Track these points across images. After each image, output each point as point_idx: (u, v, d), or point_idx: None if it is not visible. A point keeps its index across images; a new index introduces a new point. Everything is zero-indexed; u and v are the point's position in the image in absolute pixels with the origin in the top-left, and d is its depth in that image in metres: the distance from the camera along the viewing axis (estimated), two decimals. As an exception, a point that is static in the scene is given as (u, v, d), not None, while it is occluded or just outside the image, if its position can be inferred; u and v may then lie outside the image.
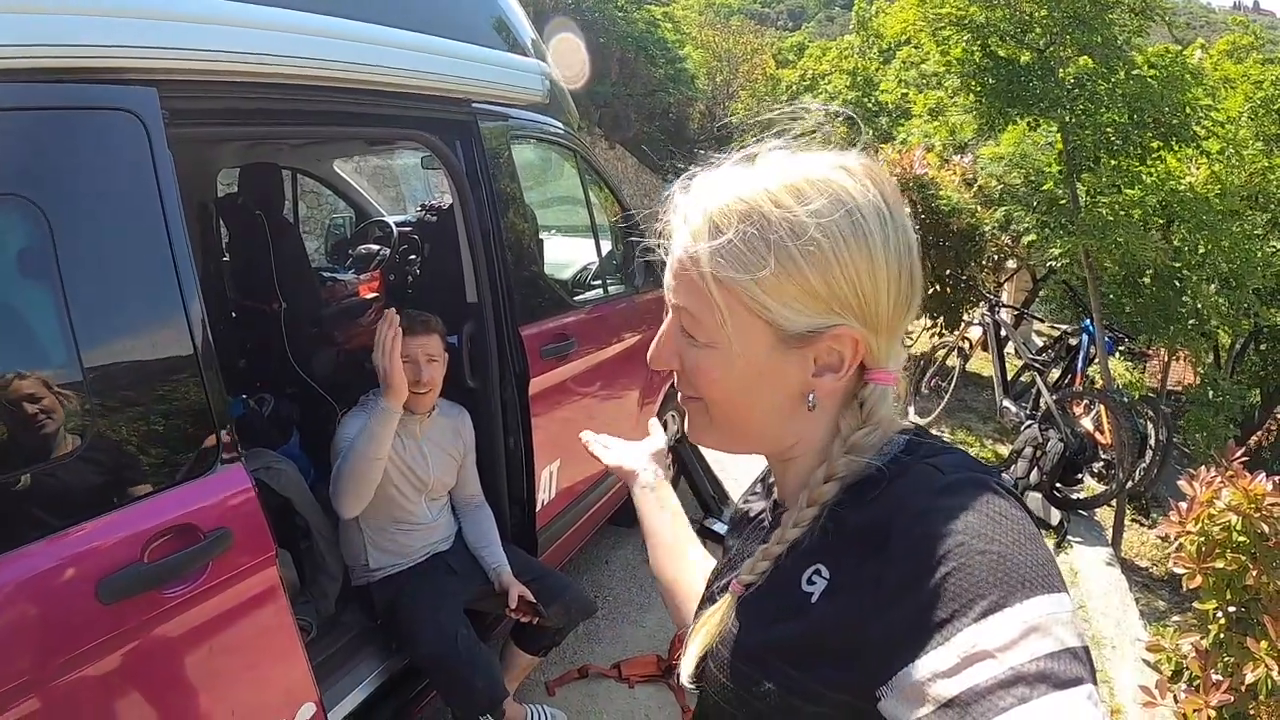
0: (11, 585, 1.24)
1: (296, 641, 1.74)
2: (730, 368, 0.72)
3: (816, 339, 0.70)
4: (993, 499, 0.65)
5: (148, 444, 1.44)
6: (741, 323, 0.71)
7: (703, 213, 0.71)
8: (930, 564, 0.61)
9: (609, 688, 3.02)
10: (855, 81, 14.05)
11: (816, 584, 0.71)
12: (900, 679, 0.59)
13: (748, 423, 0.77)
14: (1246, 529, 2.69)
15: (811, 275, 0.68)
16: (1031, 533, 0.63)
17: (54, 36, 1.30)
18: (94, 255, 1.38)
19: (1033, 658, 0.55)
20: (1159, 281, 4.54)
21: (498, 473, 2.73)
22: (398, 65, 2.03)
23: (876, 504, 0.70)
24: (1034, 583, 0.58)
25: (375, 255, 4.13)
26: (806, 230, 0.67)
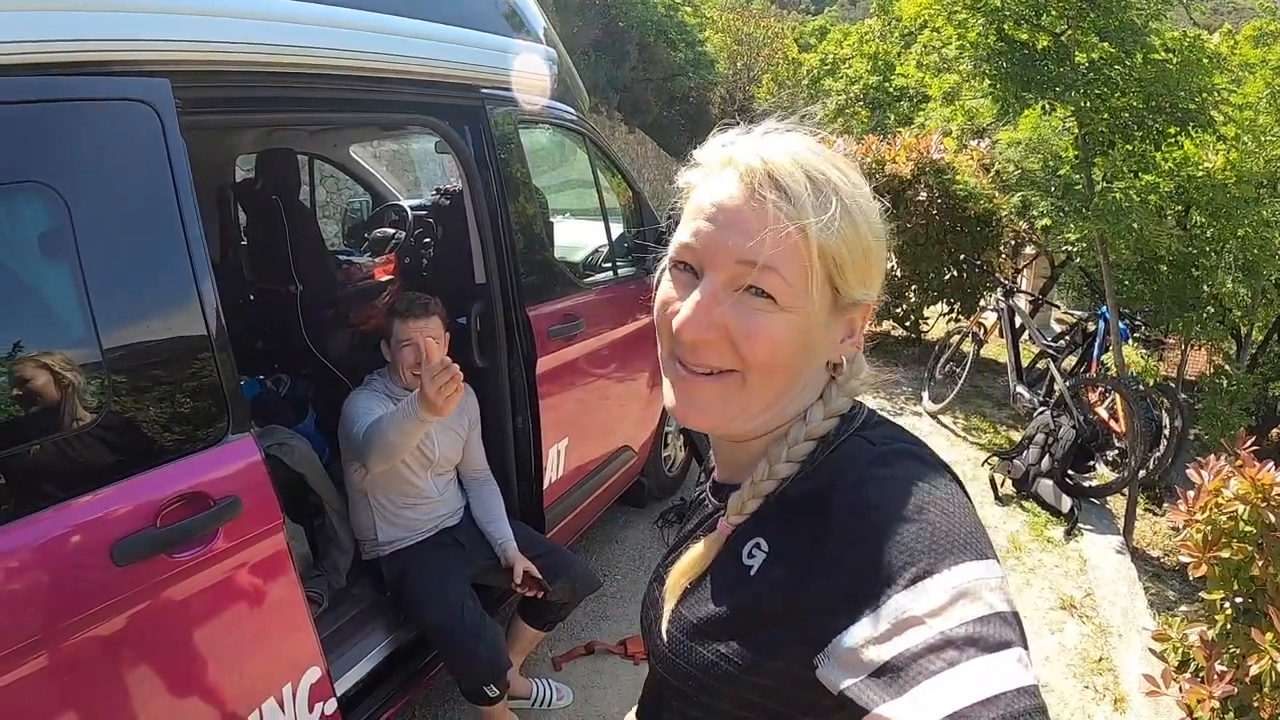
0: (32, 546, 1.31)
1: (303, 607, 1.80)
2: (801, 333, 0.72)
3: (855, 309, 0.75)
4: (923, 469, 0.68)
5: (161, 416, 1.51)
6: (822, 290, 0.71)
7: (793, 172, 0.70)
8: (862, 533, 0.63)
9: (615, 664, 3.07)
10: (876, 66, 13.94)
11: (756, 557, 0.74)
12: (834, 646, 0.61)
13: (783, 389, 0.75)
14: (1254, 519, 2.69)
15: (877, 253, 0.74)
16: (961, 502, 0.66)
17: (70, 31, 1.37)
18: (110, 238, 1.44)
19: (961, 622, 0.56)
20: (1175, 269, 4.50)
21: (506, 450, 2.79)
22: (406, 53, 2.08)
23: (813, 476, 0.73)
24: (962, 549, 0.60)
25: (390, 238, 4.19)
26: (874, 212, 0.74)
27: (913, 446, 0.71)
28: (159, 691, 1.53)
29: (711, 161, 0.75)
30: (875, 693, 0.58)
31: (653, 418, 3.82)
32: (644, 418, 3.72)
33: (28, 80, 1.33)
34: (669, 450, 4.21)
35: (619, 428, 3.51)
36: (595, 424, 3.29)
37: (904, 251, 6.17)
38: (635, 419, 3.64)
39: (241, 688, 1.69)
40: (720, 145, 0.75)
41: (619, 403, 3.47)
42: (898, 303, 6.63)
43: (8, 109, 1.31)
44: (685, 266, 0.75)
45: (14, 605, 1.29)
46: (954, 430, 5.61)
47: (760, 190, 0.70)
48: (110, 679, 1.44)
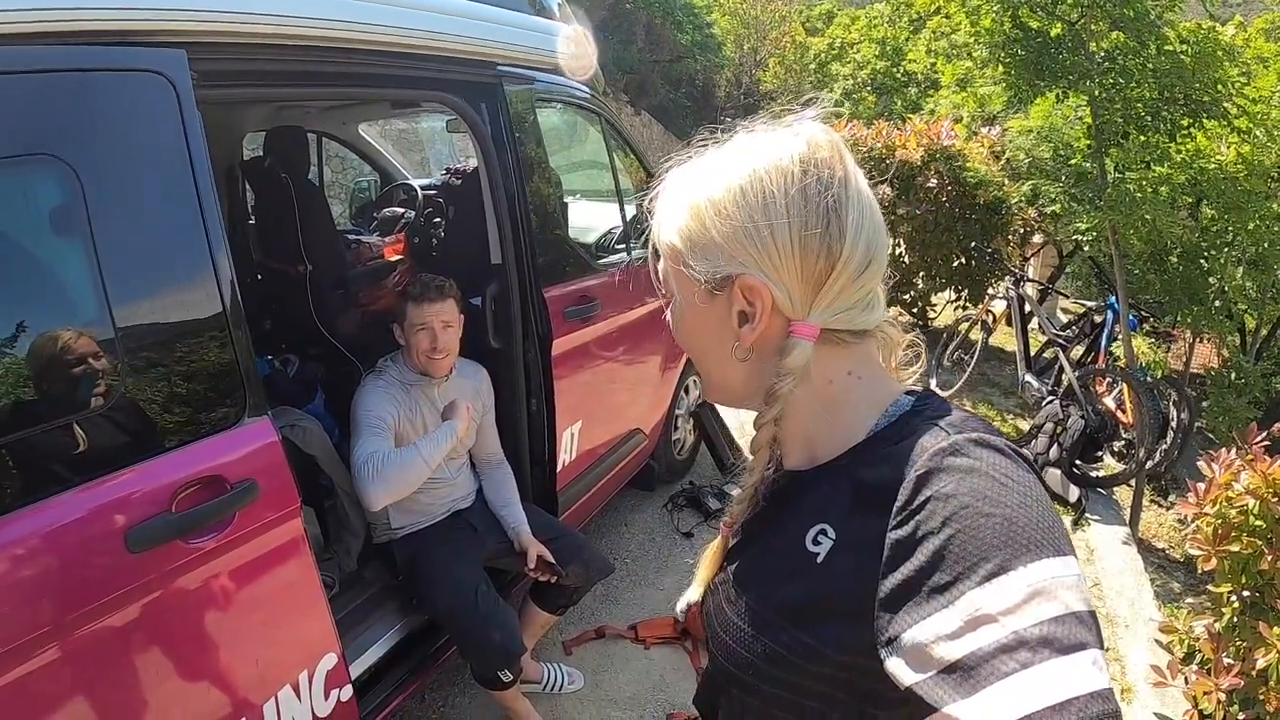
0: (45, 533, 1.29)
1: (319, 593, 1.79)
2: (679, 318, 0.82)
3: (728, 288, 0.75)
4: (999, 460, 0.65)
5: (177, 397, 1.49)
6: (680, 278, 0.79)
7: (660, 194, 0.82)
8: (936, 526, 0.61)
9: (625, 648, 3.07)
10: (884, 51, 13.83)
11: (822, 544, 0.72)
12: (904, 640, 0.60)
13: (709, 373, 0.84)
14: (1263, 513, 2.68)
15: (715, 232, 0.74)
16: (1038, 495, 0.63)
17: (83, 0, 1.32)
18: (125, 214, 1.41)
19: (1036, 622, 0.55)
20: (1185, 260, 4.48)
21: (519, 434, 2.77)
22: (424, 27, 2.04)
23: (884, 464, 0.70)
24: (1039, 546, 0.58)
25: (400, 218, 4.16)
26: (719, 200, 0.74)
27: (988, 435, 0.68)
28: (174, 680, 1.51)
29: None
30: (945, 691, 0.57)
31: (663, 400, 3.81)
32: (655, 400, 3.71)
33: (39, 50, 1.29)
34: (679, 434, 4.20)
35: (631, 411, 3.49)
36: (608, 407, 3.27)
37: (913, 238, 6.13)
38: (647, 402, 3.62)
39: (257, 675, 1.68)
40: None
41: (631, 385, 3.45)
42: (906, 289, 6.60)
43: (18, 79, 1.27)
44: None
45: (27, 593, 1.27)
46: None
47: None
48: (125, 668, 1.43)
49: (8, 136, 1.27)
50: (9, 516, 1.25)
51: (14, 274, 1.32)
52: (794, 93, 17.07)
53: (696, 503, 4.06)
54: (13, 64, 1.25)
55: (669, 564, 3.62)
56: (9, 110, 1.26)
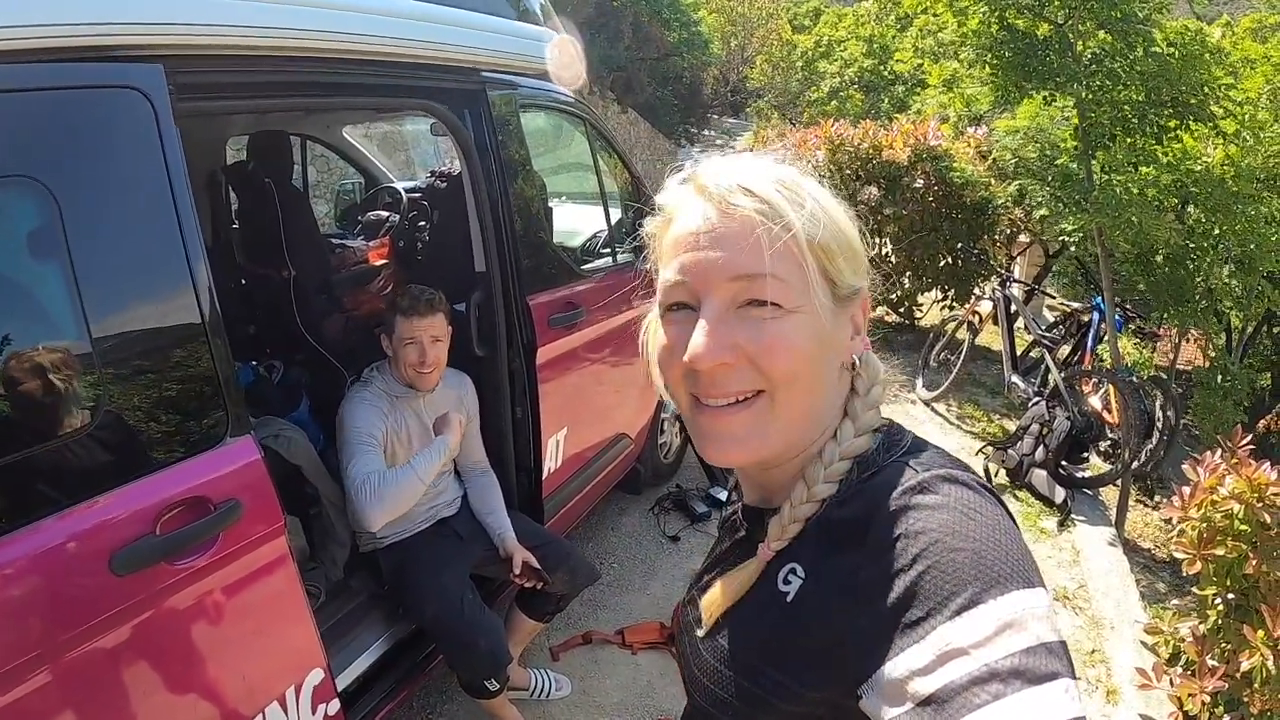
0: (28, 558, 1.26)
1: (305, 610, 1.78)
2: (814, 331, 0.71)
3: (854, 300, 0.75)
4: (967, 495, 0.66)
5: (158, 418, 1.46)
6: (820, 283, 0.71)
7: (763, 182, 0.71)
8: (905, 562, 0.62)
9: (612, 654, 3.07)
10: (871, 49, 13.83)
11: (792, 583, 0.73)
12: (878, 677, 0.60)
13: (810, 398, 0.74)
14: (1248, 517, 2.70)
15: (856, 239, 0.75)
16: (1007, 527, 0.64)
17: (58, 16, 1.30)
18: (102, 235, 1.38)
19: (1007, 654, 0.55)
20: (1172, 261, 4.50)
21: (505, 441, 2.76)
22: (406, 36, 2.02)
23: (852, 502, 0.71)
24: (1008, 578, 0.59)
25: (384, 222, 4.13)
26: (838, 204, 0.75)
27: (956, 471, 0.69)
28: (160, 702, 1.49)
29: (673, 199, 0.76)
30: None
31: (649, 404, 3.80)
32: (641, 405, 3.70)
33: (10, 68, 1.25)
34: (665, 437, 4.20)
35: (616, 415, 3.48)
36: (594, 412, 3.26)
37: (899, 238, 6.15)
38: (633, 406, 3.61)
39: (244, 694, 1.66)
40: (679, 181, 0.76)
41: (617, 390, 3.44)
42: (892, 289, 6.62)
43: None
44: (679, 306, 0.74)
45: (10, 620, 1.24)
46: (948, 418, 5.62)
47: (733, 202, 0.70)
48: (111, 693, 1.41)
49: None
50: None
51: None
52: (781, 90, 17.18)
53: (683, 506, 4.05)
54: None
55: (656, 568, 3.62)
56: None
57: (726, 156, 0.76)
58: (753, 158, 0.75)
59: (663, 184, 0.78)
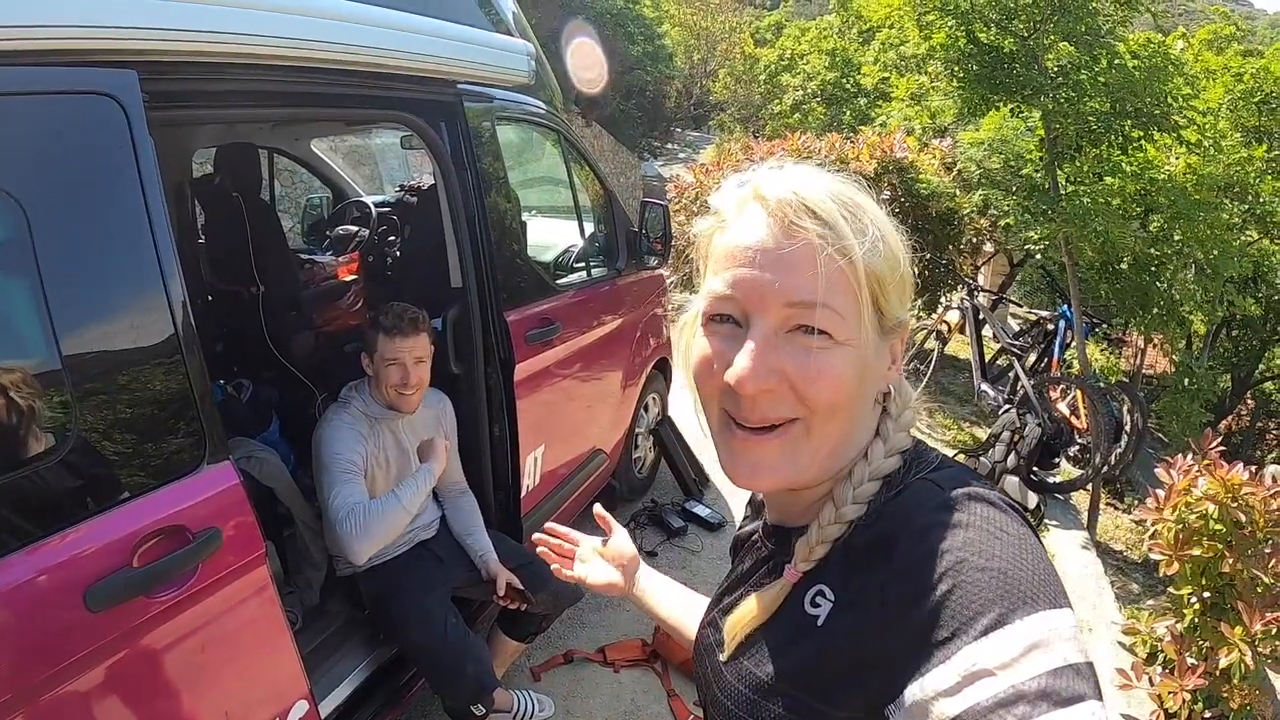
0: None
1: (289, 640, 1.71)
2: (859, 364, 0.69)
3: (897, 331, 0.74)
4: (993, 514, 0.65)
5: (133, 444, 1.39)
6: (868, 316, 0.69)
7: (823, 203, 0.68)
8: (932, 582, 0.61)
9: (595, 672, 3.02)
10: (834, 62, 14.00)
11: (821, 605, 0.71)
12: (905, 698, 0.59)
13: (845, 427, 0.72)
14: (1223, 517, 2.75)
15: (905, 269, 0.73)
16: (1032, 546, 0.63)
17: (30, 17, 1.23)
18: (73, 248, 1.32)
19: (1034, 675, 0.54)
20: (1136, 268, 4.60)
21: (482, 459, 2.70)
22: (383, 45, 1.97)
23: (878, 522, 0.70)
24: (1035, 598, 0.58)
25: (354, 236, 4.06)
26: (895, 230, 0.73)
27: (981, 489, 0.68)
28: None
29: (730, 203, 0.73)
30: None
31: (624, 420, 3.77)
32: (615, 420, 3.67)
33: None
34: (639, 452, 4.16)
35: (592, 431, 3.45)
36: (570, 428, 3.22)
37: (867, 249, 6.21)
38: (608, 421, 3.58)
39: (228, 730, 1.59)
40: (739, 184, 0.73)
41: (593, 405, 3.41)
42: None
43: None
44: (724, 318, 0.71)
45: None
46: (918, 427, 5.65)
47: (797, 222, 0.67)
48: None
49: None
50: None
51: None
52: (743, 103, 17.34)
53: (659, 521, 4.02)
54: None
55: (636, 584, 3.58)
56: None
57: (785, 166, 0.73)
58: (813, 170, 0.72)
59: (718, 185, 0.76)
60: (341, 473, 2.22)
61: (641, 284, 3.79)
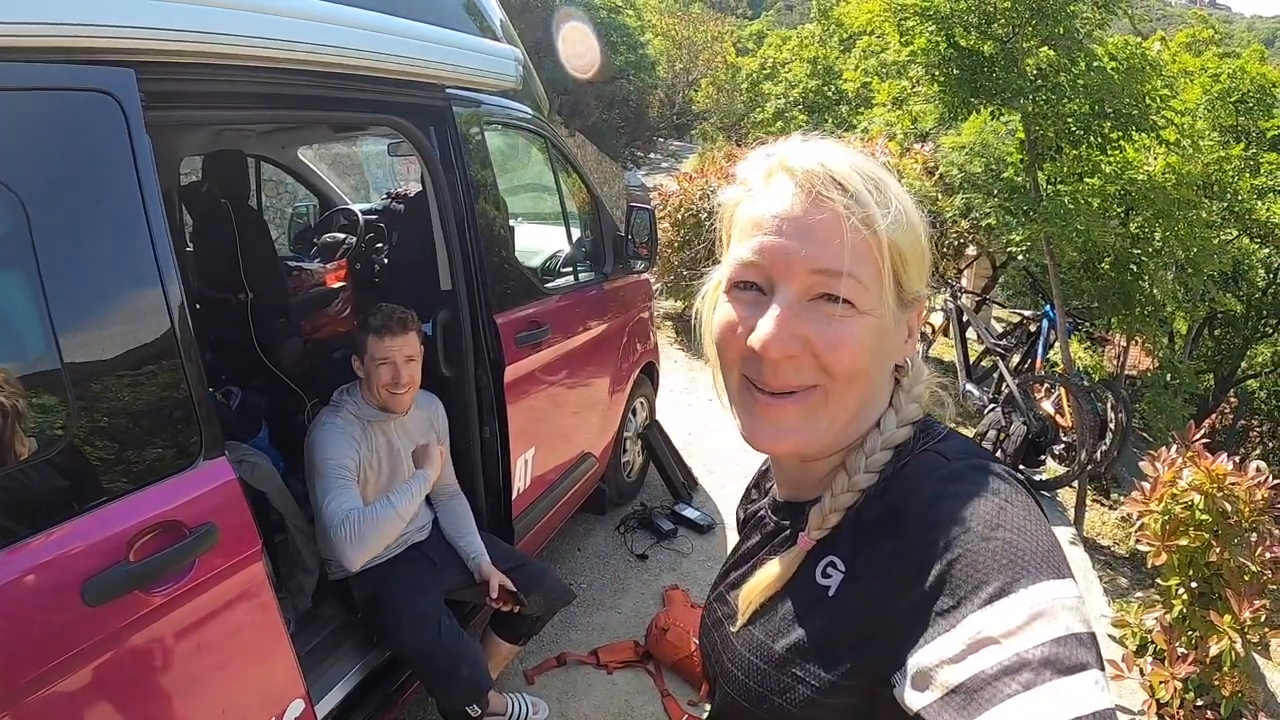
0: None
1: (285, 638, 1.71)
2: (879, 334, 0.71)
3: (915, 306, 0.75)
4: (999, 485, 0.66)
5: (130, 438, 1.39)
6: (889, 287, 0.71)
7: (849, 176, 0.69)
8: (937, 551, 0.62)
9: (588, 675, 3.02)
10: (815, 70, 14.10)
11: (832, 576, 0.72)
12: (910, 665, 0.60)
13: (863, 396, 0.74)
14: (1209, 507, 2.78)
15: (926, 246, 0.74)
16: (1037, 517, 0.64)
17: (29, 14, 1.24)
18: (71, 243, 1.32)
19: (1038, 643, 0.55)
20: (1117, 267, 4.66)
21: (473, 462, 2.71)
22: (375, 49, 1.99)
23: (886, 492, 0.71)
24: (1039, 568, 0.59)
25: (341, 244, 4.06)
26: (916, 209, 0.74)
27: (987, 461, 0.70)
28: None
29: (757, 173, 0.74)
30: (949, 715, 0.56)
31: (612, 424, 3.78)
32: (604, 424, 3.68)
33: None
34: (627, 456, 4.17)
35: (581, 435, 3.45)
36: (560, 432, 3.23)
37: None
38: (596, 426, 3.59)
39: (225, 729, 1.58)
40: (766, 155, 0.74)
41: (582, 409, 3.42)
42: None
43: None
44: (748, 285, 0.73)
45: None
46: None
47: (824, 193, 0.68)
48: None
49: None
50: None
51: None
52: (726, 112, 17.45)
53: (649, 524, 4.03)
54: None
55: (625, 587, 3.59)
56: None
57: (810, 140, 0.74)
58: (838, 145, 0.73)
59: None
60: (335, 479, 2.21)
61: (628, 288, 3.81)
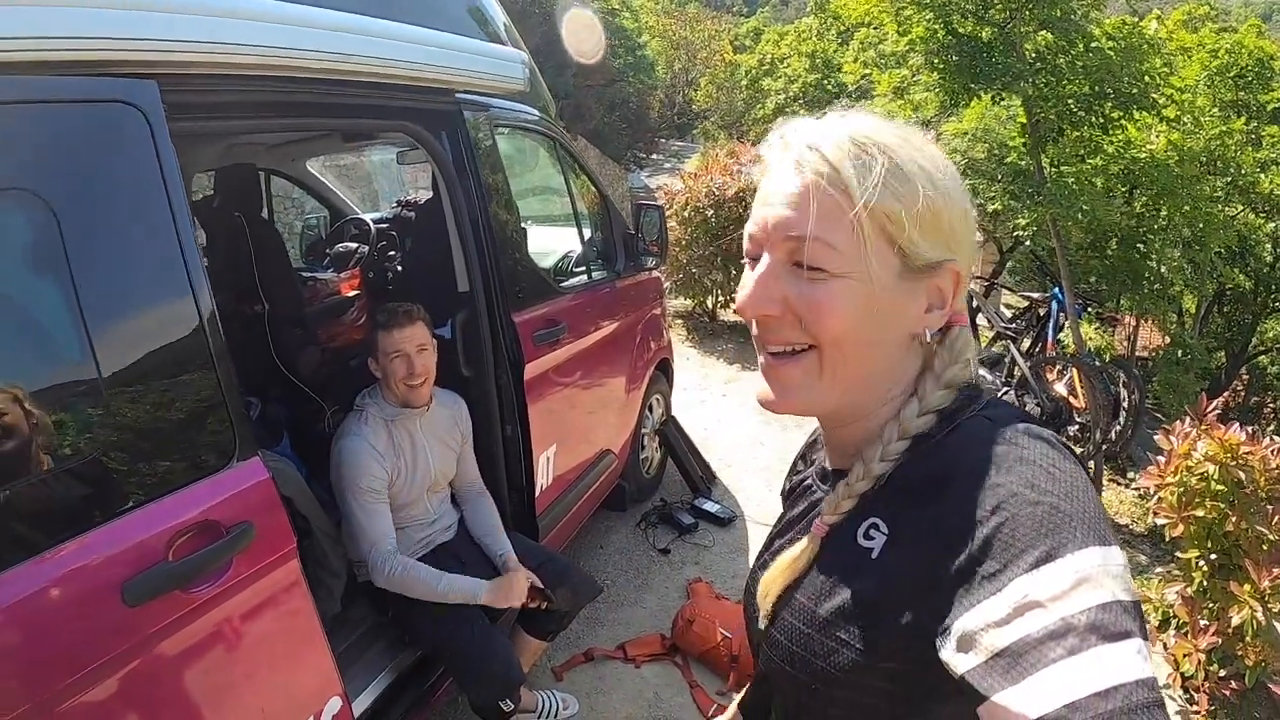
0: (36, 591, 1.21)
1: (321, 635, 1.74)
2: (863, 298, 0.70)
3: (932, 273, 0.72)
4: (1046, 450, 0.66)
5: (165, 440, 1.42)
6: (881, 252, 0.70)
7: (838, 143, 0.70)
8: (985, 513, 0.62)
9: (616, 669, 3.05)
10: (814, 64, 14.11)
11: (875, 538, 0.73)
12: (956, 628, 0.61)
13: (865, 363, 0.74)
14: (1224, 478, 2.79)
15: (944, 209, 0.71)
16: (1084, 485, 0.64)
17: (56, 29, 1.27)
18: (103, 250, 1.35)
19: (1083, 608, 0.55)
20: (1124, 246, 4.67)
21: (496, 460, 2.74)
22: (388, 56, 2.02)
23: (932, 456, 0.72)
24: (1085, 534, 0.59)
25: (353, 253, 4.09)
26: (935, 169, 0.71)
27: (1035, 426, 0.70)
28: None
29: (770, 153, 0.76)
30: (993, 678, 0.57)
31: (630, 421, 3.81)
32: (622, 421, 3.71)
33: (9, 80, 1.22)
34: (645, 452, 4.20)
35: (600, 432, 3.49)
36: (580, 429, 3.26)
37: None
38: (614, 422, 3.62)
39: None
40: (778, 135, 0.76)
41: (600, 406, 3.45)
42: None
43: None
44: (754, 257, 0.76)
45: (20, 659, 1.19)
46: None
47: (802, 161, 0.71)
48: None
49: None
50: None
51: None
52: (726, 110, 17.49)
53: (669, 519, 4.05)
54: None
55: (649, 582, 3.61)
56: None
57: (829, 114, 0.75)
58: (854, 115, 0.75)
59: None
60: (370, 504, 2.30)
61: (640, 285, 3.84)
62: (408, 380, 2.30)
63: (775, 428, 5.37)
